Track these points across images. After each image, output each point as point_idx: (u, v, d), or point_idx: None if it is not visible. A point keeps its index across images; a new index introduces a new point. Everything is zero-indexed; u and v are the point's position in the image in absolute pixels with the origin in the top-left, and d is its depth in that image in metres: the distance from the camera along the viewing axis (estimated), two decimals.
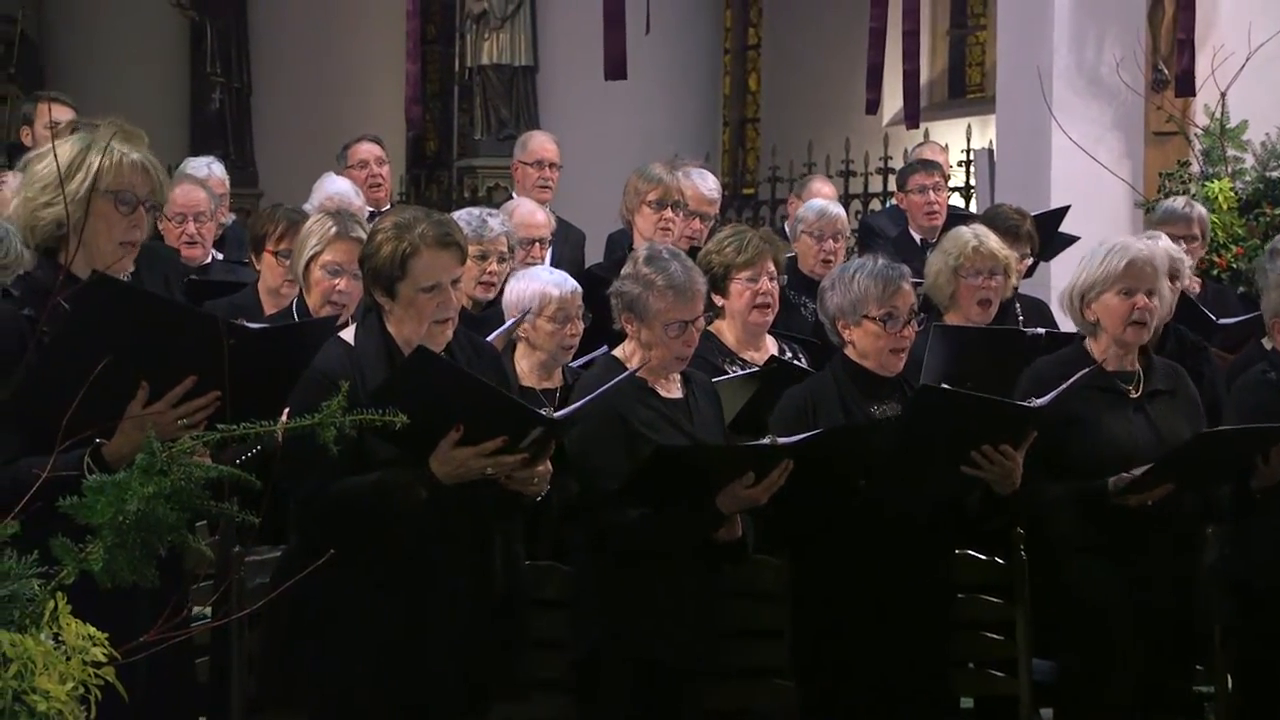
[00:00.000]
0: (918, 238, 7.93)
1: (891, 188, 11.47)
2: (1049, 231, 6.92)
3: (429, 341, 4.00)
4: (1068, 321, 5.14)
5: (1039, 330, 5.65)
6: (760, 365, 5.29)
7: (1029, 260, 6.40)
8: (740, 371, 5.25)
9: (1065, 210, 7.41)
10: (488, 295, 5.75)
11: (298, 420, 2.45)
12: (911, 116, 9.94)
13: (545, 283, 5.18)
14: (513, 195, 7.64)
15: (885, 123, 13.48)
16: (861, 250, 8.17)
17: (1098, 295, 4.83)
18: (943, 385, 4.83)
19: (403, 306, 4.03)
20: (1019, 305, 6.17)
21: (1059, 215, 7.34)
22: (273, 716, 4.27)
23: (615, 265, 5.46)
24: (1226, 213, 8.74)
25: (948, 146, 10.68)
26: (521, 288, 5.19)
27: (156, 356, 3.32)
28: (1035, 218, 6.60)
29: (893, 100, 12.41)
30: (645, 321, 4.56)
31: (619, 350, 4.70)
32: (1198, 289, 6.91)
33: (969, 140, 12.67)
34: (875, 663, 4.62)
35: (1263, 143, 9.02)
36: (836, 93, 14.43)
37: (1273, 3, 9.10)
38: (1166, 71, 9.11)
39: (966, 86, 15.74)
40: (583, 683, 4.56)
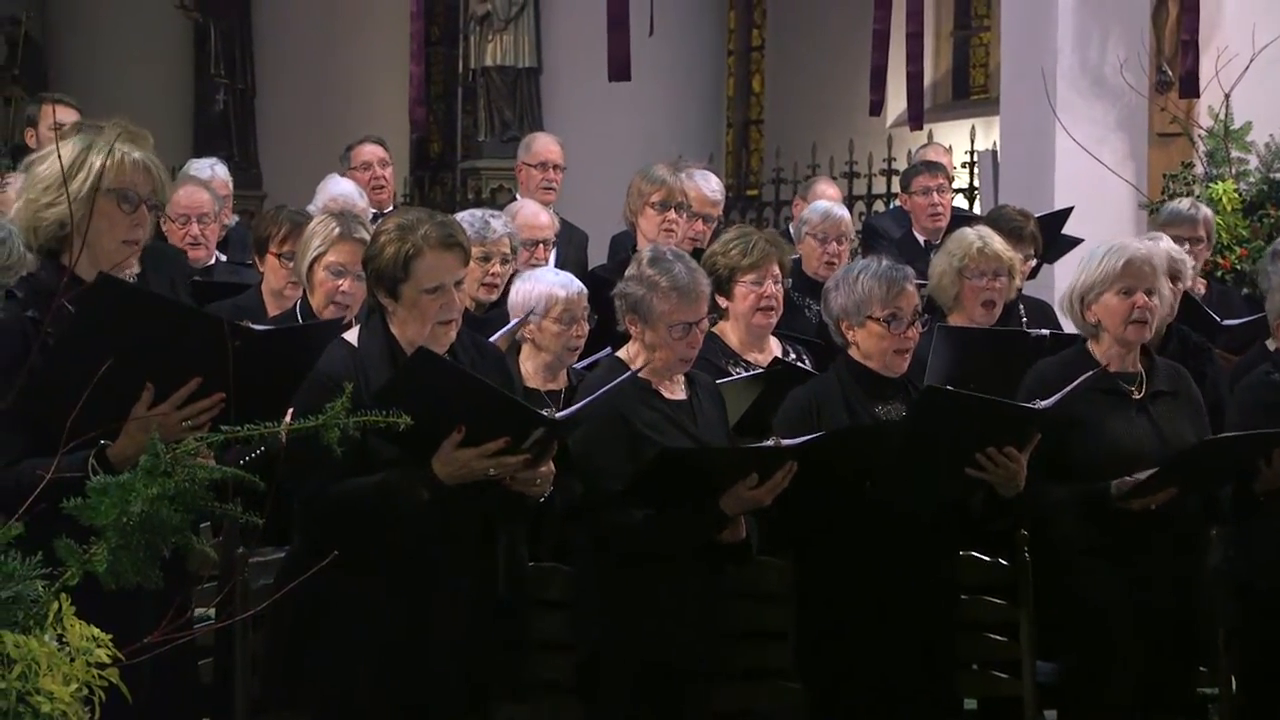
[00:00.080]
0: (921, 239, 7.93)
1: (895, 189, 11.47)
2: (1053, 233, 6.93)
3: (432, 343, 3.99)
4: (1070, 324, 5.14)
5: (1043, 331, 5.65)
6: (764, 367, 5.29)
7: (1032, 262, 6.40)
8: (744, 373, 5.25)
9: (1069, 211, 7.42)
10: (490, 297, 5.75)
11: (301, 422, 2.45)
12: (915, 118, 9.95)
13: (551, 284, 5.17)
14: (516, 197, 7.63)
15: (889, 124, 13.46)
16: (865, 252, 8.17)
17: (1097, 296, 4.83)
18: (947, 387, 4.83)
19: (406, 308, 4.02)
20: (1023, 307, 6.17)
21: (1063, 216, 7.34)
22: (276, 718, 4.27)
23: (619, 267, 5.46)
24: (1230, 214, 8.73)
25: (951, 148, 10.67)
26: (527, 289, 5.18)
27: (161, 358, 3.32)
28: (1039, 219, 6.60)
29: (896, 102, 12.41)
30: (649, 323, 4.55)
31: (623, 352, 4.69)
32: (1203, 290, 6.91)
33: (973, 142, 12.67)
34: (879, 664, 4.61)
35: (1267, 144, 9.02)
36: (840, 94, 14.43)
37: (1277, 4, 9.09)
38: (1170, 73, 9.11)
39: (970, 88, 15.74)
40: (585, 684, 4.56)
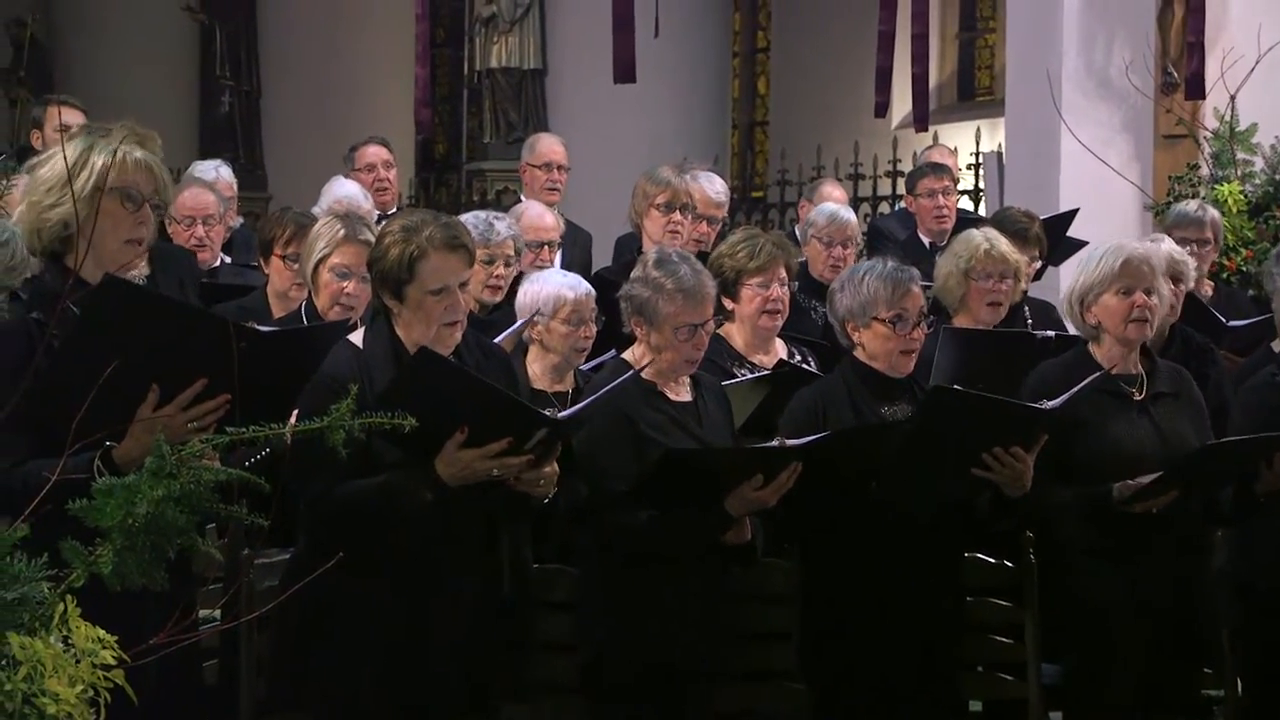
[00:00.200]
0: (926, 241, 7.94)
1: (900, 191, 11.47)
2: (1058, 234, 6.92)
3: (437, 344, 3.99)
4: (1073, 326, 5.14)
5: (1049, 333, 5.64)
6: (769, 369, 5.29)
7: (1037, 263, 6.40)
8: (749, 375, 5.25)
9: (1074, 213, 7.41)
10: (494, 299, 5.75)
11: (306, 423, 2.45)
12: (920, 119, 9.95)
13: (559, 285, 5.17)
14: (521, 198, 7.63)
15: (894, 126, 13.47)
16: (870, 253, 8.17)
17: (1096, 297, 4.84)
18: (955, 386, 4.82)
19: (411, 309, 4.02)
20: (1028, 308, 6.16)
21: (1068, 218, 7.34)
22: (281, 719, 4.27)
23: (624, 268, 5.46)
24: (1236, 216, 8.73)
25: (957, 149, 10.67)
26: (535, 290, 5.18)
27: (167, 359, 3.32)
28: (1044, 221, 6.60)
29: (902, 103, 12.43)
30: (655, 325, 4.55)
31: (628, 353, 4.69)
32: (1210, 292, 6.90)
33: (978, 143, 12.66)
34: (884, 665, 4.61)
35: (1272, 145, 9.02)
36: (845, 96, 14.44)
37: None
38: (1176, 74, 9.11)
39: (975, 89, 15.74)
40: (590, 685, 4.56)
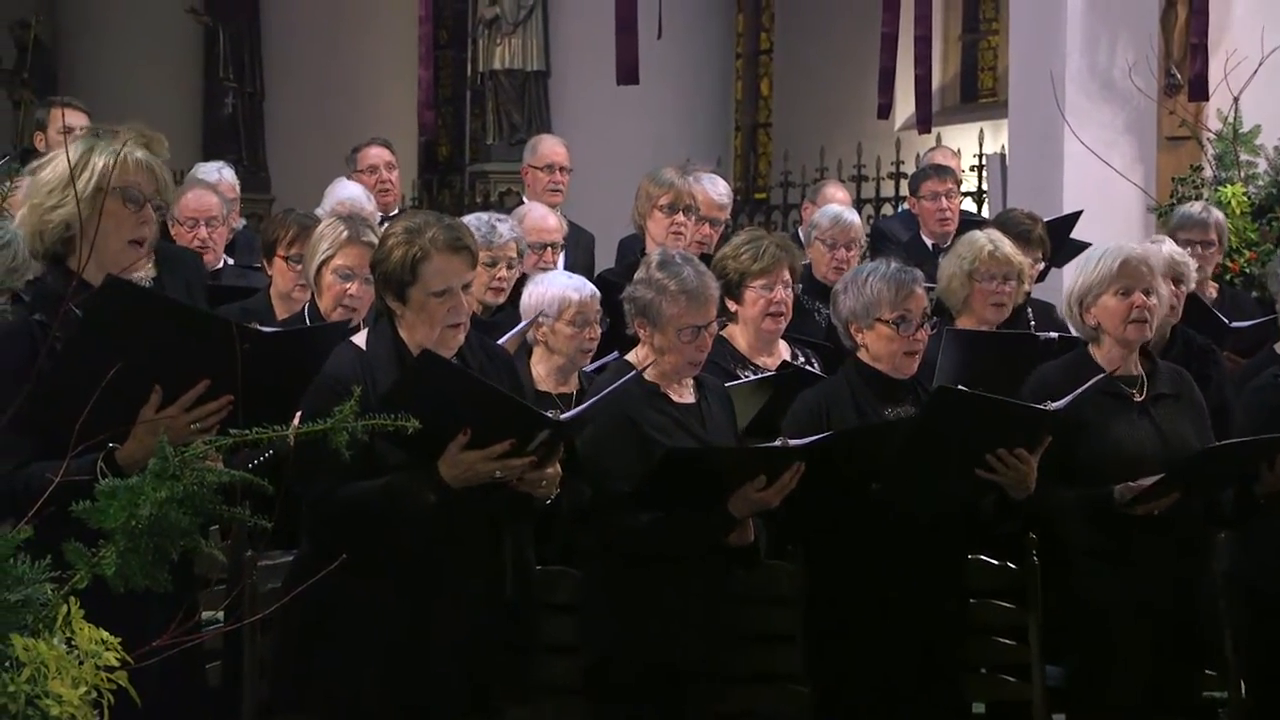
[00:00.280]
0: (930, 243, 7.93)
1: (903, 192, 11.47)
2: (1061, 236, 6.91)
3: (441, 346, 3.99)
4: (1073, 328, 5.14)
5: (1052, 334, 5.64)
6: (773, 371, 5.29)
7: (1040, 265, 6.40)
8: (752, 376, 5.25)
9: (1077, 215, 7.41)
10: (497, 300, 5.76)
11: (310, 425, 2.45)
12: (923, 121, 9.94)
13: (565, 287, 5.18)
14: (524, 200, 7.63)
15: (897, 127, 13.47)
16: (873, 255, 8.16)
17: (1095, 298, 4.84)
18: (959, 387, 4.82)
19: (414, 311, 4.03)
20: (1030, 310, 6.16)
21: (1071, 220, 7.33)
22: None
23: (627, 270, 5.45)
24: (1239, 218, 8.72)
25: (960, 151, 10.67)
26: (540, 292, 5.18)
27: (169, 360, 3.32)
28: (1047, 223, 6.60)
29: (905, 105, 12.42)
30: (658, 326, 4.55)
31: (631, 355, 4.69)
32: (1214, 294, 6.90)
33: (981, 145, 12.67)
34: (886, 667, 4.61)
35: (1276, 147, 9.01)
36: (848, 97, 14.43)
37: None
38: (1179, 76, 9.10)
39: (979, 91, 15.73)
40: (593, 686, 4.56)
